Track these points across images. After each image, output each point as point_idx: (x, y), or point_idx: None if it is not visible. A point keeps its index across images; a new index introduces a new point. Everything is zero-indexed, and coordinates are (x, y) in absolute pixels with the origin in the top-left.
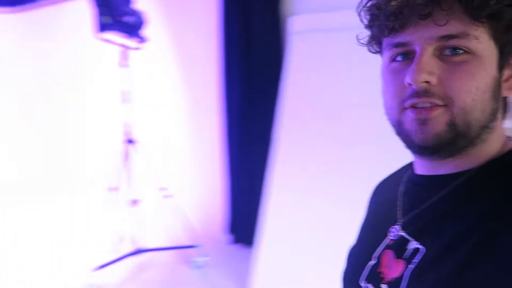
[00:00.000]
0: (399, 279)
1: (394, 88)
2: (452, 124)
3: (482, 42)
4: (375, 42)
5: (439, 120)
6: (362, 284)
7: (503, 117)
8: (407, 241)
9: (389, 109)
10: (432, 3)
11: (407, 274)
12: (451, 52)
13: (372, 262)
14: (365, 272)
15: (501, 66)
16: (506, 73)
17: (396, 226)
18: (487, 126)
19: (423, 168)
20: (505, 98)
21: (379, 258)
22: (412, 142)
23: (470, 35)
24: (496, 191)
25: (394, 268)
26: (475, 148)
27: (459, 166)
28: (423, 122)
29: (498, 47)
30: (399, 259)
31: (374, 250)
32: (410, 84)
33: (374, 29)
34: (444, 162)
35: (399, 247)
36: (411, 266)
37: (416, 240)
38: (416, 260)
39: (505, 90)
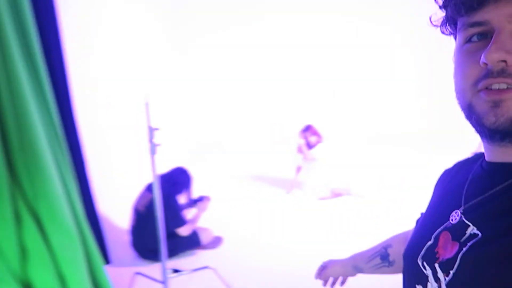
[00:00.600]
0: (452, 260)
1: (467, 70)
2: None
3: None
4: (450, 22)
5: None
6: (420, 262)
7: None
8: (467, 226)
9: (460, 92)
10: None
11: (460, 256)
12: None
13: (430, 242)
14: (423, 251)
15: None
16: None
17: (458, 211)
18: None
19: (492, 154)
20: None
21: (436, 239)
22: (483, 125)
23: None
24: None
25: (449, 250)
26: None
27: None
28: (496, 104)
29: None
30: (455, 241)
31: (434, 231)
32: (485, 64)
33: (450, 8)
34: (510, 149)
35: (457, 230)
36: (465, 249)
37: (476, 226)
38: (470, 243)
39: None
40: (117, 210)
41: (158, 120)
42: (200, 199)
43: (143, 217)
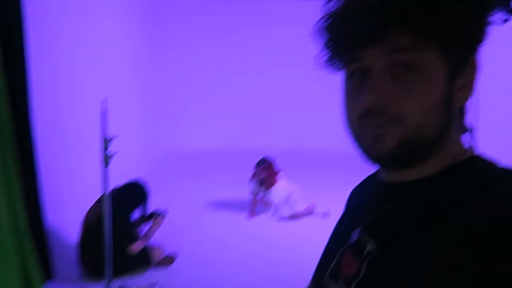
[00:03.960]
0: (353, 277)
1: (351, 106)
2: (404, 141)
3: (432, 58)
4: (335, 60)
5: (392, 137)
6: (326, 280)
7: (461, 126)
8: (366, 242)
9: (349, 124)
10: (383, 24)
11: (362, 272)
12: (401, 69)
13: (335, 261)
14: (329, 270)
15: (452, 78)
16: (459, 83)
17: (359, 229)
18: (440, 139)
19: (384, 174)
20: (462, 107)
21: (340, 257)
22: (368, 156)
23: (420, 50)
24: (444, 200)
25: (350, 266)
26: (430, 159)
27: (416, 174)
28: (377, 139)
29: (447, 61)
30: (355, 258)
31: (339, 249)
32: (364, 104)
33: (331, 48)
34: (402, 171)
35: (358, 247)
36: (364, 265)
37: (374, 241)
38: (368, 259)
39: (458, 100)
40: (68, 223)
41: (118, 127)
42: (156, 214)
43: (92, 232)
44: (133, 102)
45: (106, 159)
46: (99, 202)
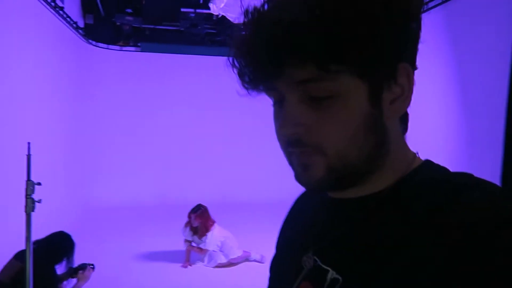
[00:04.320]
0: None
1: (277, 133)
2: (331, 170)
3: (344, 82)
4: (250, 88)
5: (318, 166)
6: None
7: (404, 133)
8: (325, 271)
9: (280, 148)
10: (283, 58)
11: None
12: (316, 97)
13: None
14: None
15: (376, 97)
16: (387, 97)
17: (310, 254)
18: (373, 160)
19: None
20: (406, 115)
21: None
22: (300, 182)
23: (327, 78)
24: (407, 215)
25: None
26: (376, 174)
27: (368, 189)
28: (305, 168)
29: (365, 82)
30: None
31: (292, 281)
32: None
33: (244, 77)
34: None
35: (316, 277)
36: None
37: (333, 269)
38: None
39: (392, 113)
40: None
41: (41, 176)
42: (82, 268)
43: None
44: (57, 151)
45: (30, 205)
46: (16, 256)
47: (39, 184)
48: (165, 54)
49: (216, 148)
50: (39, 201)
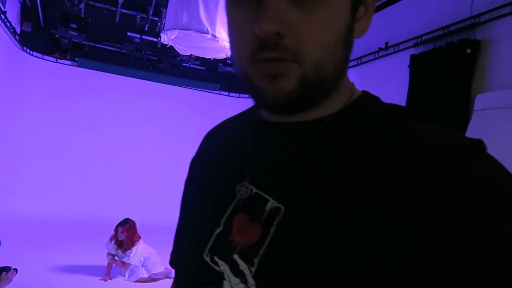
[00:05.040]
0: (256, 246)
1: (242, 36)
2: (303, 81)
3: None
4: None
5: (290, 77)
6: (207, 258)
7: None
8: (264, 200)
9: (238, 61)
10: None
11: (268, 239)
12: None
13: (219, 230)
14: (211, 243)
15: (355, 7)
16: (360, 10)
17: (245, 183)
18: (339, 76)
19: (275, 117)
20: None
21: (228, 224)
22: (261, 98)
23: None
24: (358, 140)
25: (250, 234)
26: (329, 97)
27: (315, 114)
28: (273, 79)
29: None
30: (255, 222)
31: (220, 215)
32: (258, 35)
33: None
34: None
35: (253, 208)
36: (273, 230)
37: (273, 198)
38: (277, 222)
39: (356, 31)
40: None
41: None
42: (6, 270)
43: None
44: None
45: None
46: None
47: None
48: (101, 72)
49: (140, 168)
50: None
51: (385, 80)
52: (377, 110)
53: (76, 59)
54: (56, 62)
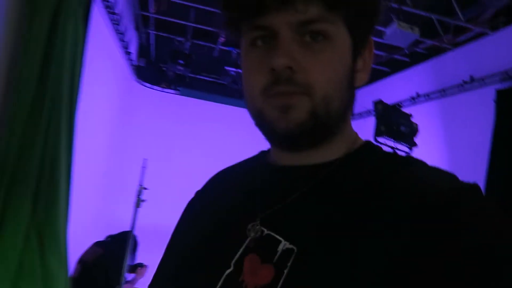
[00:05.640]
0: (269, 286)
1: (256, 76)
2: (313, 113)
3: (339, 29)
4: (233, 26)
5: (301, 108)
6: None
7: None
8: (276, 241)
9: (251, 98)
10: None
11: (282, 280)
12: (311, 38)
13: (229, 270)
14: (221, 283)
15: (354, 56)
16: (359, 63)
17: (256, 223)
18: (344, 116)
19: (283, 158)
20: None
21: (239, 265)
22: (274, 130)
23: (328, 20)
24: (363, 183)
25: (262, 275)
26: (334, 139)
27: (322, 157)
28: (285, 110)
29: (351, 35)
30: (267, 264)
31: (230, 256)
32: (273, 70)
33: (232, 10)
34: (305, 153)
35: (265, 249)
36: (286, 271)
37: (285, 239)
38: (290, 263)
39: (357, 80)
40: None
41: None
42: (141, 266)
43: (89, 270)
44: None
45: (139, 202)
46: (97, 244)
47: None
48: (200, 100)
49: None
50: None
51: (470, 115)
52: (379, 156)
53: (178, 88)
54: (162, 91)
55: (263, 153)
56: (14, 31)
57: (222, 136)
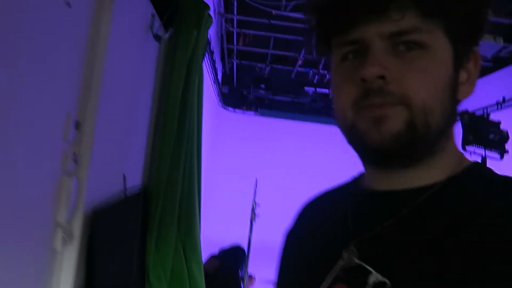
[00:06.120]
0: None
1: (346, 88)
2: (411, 124)
3: (437, 38)
4: (323, 42)
5: (397, 119)
6: None
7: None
8: (366, 272)
9: (342, 112)
10: (384, 2)
11: None
12: (405, 48)
13: None
14: None
15: (457, 67)
16: (463, 76)
17: (347, 252)
18: (445, 131)
19: (378, 182)
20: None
21: None
22: (366, 144)
23: (423, 29)
24: (472, 212)
25: None
26: (434, 158)
27: (420, 180)
28: (379, 121)
29: (453, 45)
30: None
31: (319, 285)
32: (364, 81)
33: (323, 27)
34: (402, 173)
35: (354, 279)
36: None
37: (377, 270)
38: None
39: (461, 93)
40: None
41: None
42: (249, 277)
43: (210, 279)
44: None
45: (253, 216)
46: (214, 256)
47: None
48: (277, 119)
49: None
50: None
51: None
52: (489, 182)
53: (258, 109)
54: (243, 113)
55: (354, 179)
56: (159, 87)
57: (309, 153)
